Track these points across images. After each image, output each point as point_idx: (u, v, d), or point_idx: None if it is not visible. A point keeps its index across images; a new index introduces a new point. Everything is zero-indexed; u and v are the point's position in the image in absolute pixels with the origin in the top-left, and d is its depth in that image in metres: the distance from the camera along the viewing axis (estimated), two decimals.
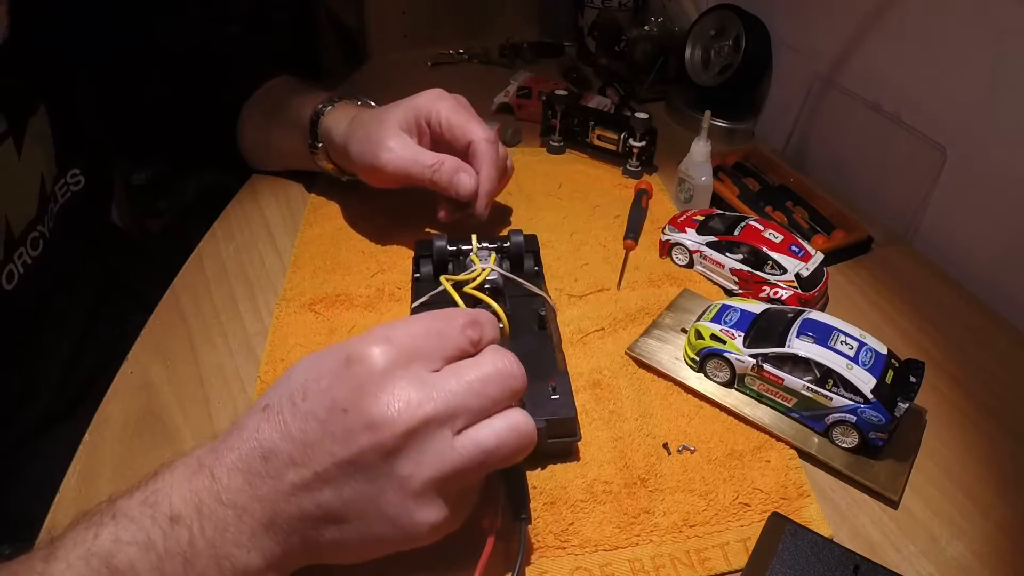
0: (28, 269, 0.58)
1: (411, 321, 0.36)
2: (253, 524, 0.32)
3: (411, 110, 0.60)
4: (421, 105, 0.60)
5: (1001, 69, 0.62)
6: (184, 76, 0.73)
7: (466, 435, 0.34)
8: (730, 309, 0.54)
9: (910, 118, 0.71)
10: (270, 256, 0.65)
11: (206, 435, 0.49)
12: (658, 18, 0.97)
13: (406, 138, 0.59)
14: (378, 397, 0.33)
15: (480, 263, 0.53)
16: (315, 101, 0.66)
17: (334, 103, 0.66)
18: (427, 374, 0.34)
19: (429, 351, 0.35)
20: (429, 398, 0.33)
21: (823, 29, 0.81)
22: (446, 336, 0.36)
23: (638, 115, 0.75)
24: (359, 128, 0.61)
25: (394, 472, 0.33)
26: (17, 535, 0.43)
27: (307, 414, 0.33)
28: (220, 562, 0.32)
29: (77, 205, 0.64)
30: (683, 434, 0.49)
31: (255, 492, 0.33)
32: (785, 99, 0.87)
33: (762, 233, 0.60)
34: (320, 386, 0.33)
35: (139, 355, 0.55)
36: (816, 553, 0.40)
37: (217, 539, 0.32)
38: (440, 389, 0.33)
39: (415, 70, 1.04)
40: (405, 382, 0.33)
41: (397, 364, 0.34)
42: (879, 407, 0.46)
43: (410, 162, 0.58)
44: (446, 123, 0.60)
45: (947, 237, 0.70)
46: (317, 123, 0.65)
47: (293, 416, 0.33)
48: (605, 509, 0.44)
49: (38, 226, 0.59)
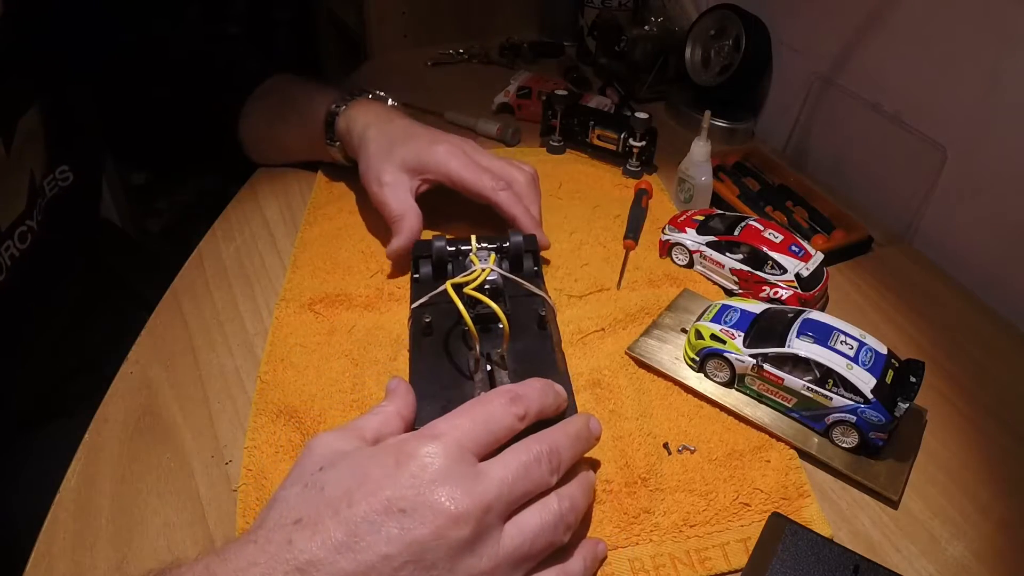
0: (15, 262, 0.58)
1: (455, 415, 0.37)
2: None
3: (420, 162, 0.61)
4: (429, 163, 0.61)
5: (1001, 69, 0.62)
6: (183, 77, 0.73)
7: (515, 522, 0.35)
8: (730, 309, 0.54)
9: (910, 118, 0.71)
10: (270, 256, 0.65)
11: (206, 435, 0.49)
12: (658, 18, 0.97)
13: (401, 179, 0.61)
14: (439, 494, 0.32)
15: (480, 263, 0.53)
16: (327, 98, 0.67)
17: (347, 101, 0.67)
18: (480, 466, 0.35)
19: (478, 440, 0.36)
20: (487, 489, 0.33)
21: (823, 29, 0.81)
22: (492, 421, 0.37)
23: (638, 115, 0.75)
24: (372, 144, 0.62)
25: (459, 567, 0.32)
26: (18, 534, 0.44)
27: (359, 520, 0.32)
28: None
29: (66, 200, 0.65)
30: (683, 434, 0.49)
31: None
32: (785, 99, 0.87)
33: (762, 233, 0.60)
34: (368, 489, 0.33)
35: (139, 355, 0.55)
36: (816, 553, 0.40)
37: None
38: (491, 479, 0.34)
39: (415, 70, 1.04)
40: (460, 476, 0.33)
41: (450, 458, 0.34)
42: (879, 407, 0.46)
43: (383, 204, 0.61)
44: (459, 183, 0.61)
45: (947, 237, 0.70)
46: (334, 123, 0.67)
47: (336, 524, 0.32)
48: (605, 509, 0.44)
49: (27, 220, 0.60)
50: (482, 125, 0.86)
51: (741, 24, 0.84)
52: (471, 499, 0.33)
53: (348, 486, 0.33)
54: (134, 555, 0.41)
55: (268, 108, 0.72)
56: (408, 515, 0.32)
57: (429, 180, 0.62)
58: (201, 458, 0.47)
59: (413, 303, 0.54)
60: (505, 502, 0.34)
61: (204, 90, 0.73)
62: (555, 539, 0.36)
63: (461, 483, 0.33)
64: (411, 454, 0.34)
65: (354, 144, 0.64)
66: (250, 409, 0.50)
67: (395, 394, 0.41)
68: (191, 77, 0.73)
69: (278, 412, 0.49)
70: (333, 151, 0.69)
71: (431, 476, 0.33)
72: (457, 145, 0.63)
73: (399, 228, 0.60)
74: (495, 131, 0.85)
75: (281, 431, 0.48)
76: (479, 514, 0.33)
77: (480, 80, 0.99)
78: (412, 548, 0.31)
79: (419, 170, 0.61)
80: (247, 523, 0.43)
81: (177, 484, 0.46)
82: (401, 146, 0.62)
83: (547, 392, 0.41)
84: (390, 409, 0.40)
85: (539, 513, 0.36)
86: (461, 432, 0.35)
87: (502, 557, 0.33)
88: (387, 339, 0.55)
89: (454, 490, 0.33)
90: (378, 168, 0.61)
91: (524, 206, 0.61)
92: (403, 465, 0.33)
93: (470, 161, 0.62)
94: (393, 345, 0.55)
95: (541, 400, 0.40)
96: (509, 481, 0.34)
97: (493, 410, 0.37)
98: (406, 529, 0.31)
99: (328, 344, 0.55)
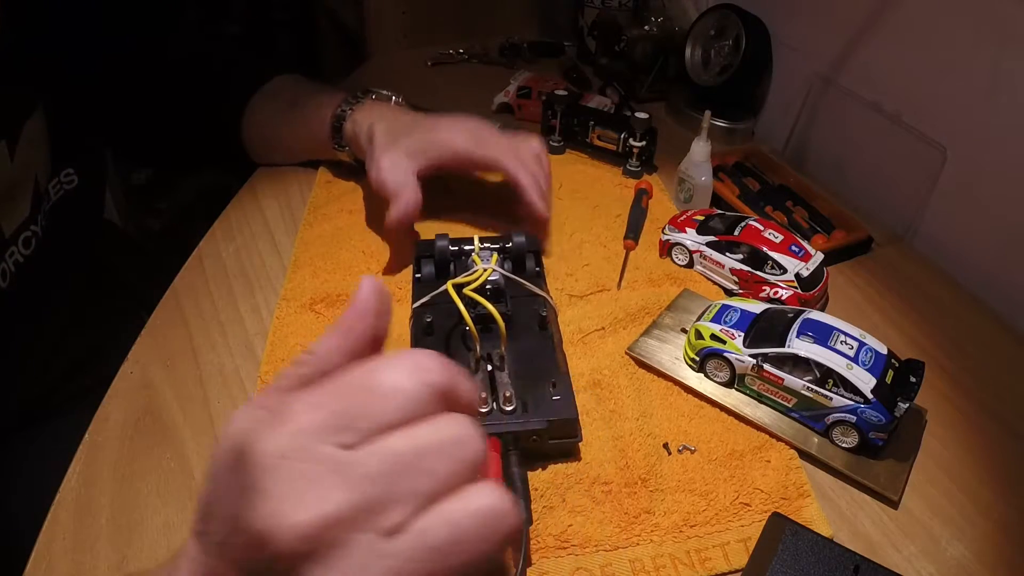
0: (19, 267, 0.58)
1: (329, 384, 0.26)
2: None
3: (425, 144, 0.61)
4: (434, 142, 0.61)
5: (1001, 69, 0.62)
6: (183, 77, 0.73)
7: (405, 532, 0.23)
8: (730, 309, 0.54)
9: (910, 118, 0.71)
10: (270, 256, 0.65)
11: (206, 435, 0.49)
12: (658, 18, 0.97)
13: (401, 161, 0.60)
14: (263, 502, 0.23)
15: (482, 263, 0.53)
16: (334, 101, 0.67)
17: (352, 104, 0.67)
18: (341, 453, 0.24)
19: (349, 417, 0.24)
20: (336, 489, 0.23)
21: (823, 29, 0.81)
22: (378, 392, 0.25)
23: (638, 115, 0.75)
24: (377, 139, 0.62)
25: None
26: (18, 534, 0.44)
27: (209, 547, 0.25)
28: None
29: (70, 203, 0.65)
30: (683, 434, 0.49)
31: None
32: (785, 99, 0.87)
33: (762, 233, 0.60)
34: (208, 500, 0.26)
35: (139, 355, 0.55)
36: (816, 553, 0.40)
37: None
38: (354, 474, 0.23)
39: (415, 70, 1.04)
40: (301, 473, 0.23)
41: (294, 447, 0.24)
42: (879, 407, 0.46)
43: (382, 185, 0.60)
44: (464, 156, 0.61)
45: (947, 237, 0.70)
46: (341, 127, 0.67)
47: (198, 552, 0.26)
48: (605, 509, 0.44)
49: (31, 225, 0.60)
50: None
51: (741, 24, 0.84)
52: (304, 507, 0.23)
53: (206, 494, 0.26)
54: (134, 555, 0.41)
55: (273, 111, 0.72)
56: (239, 534, 0.24)
57: (434, 162, 0.62)
58: (201, 458, 0.47)
59: (415, 303, 0.54)
60: (367, 507, 0.24)
61: (204, 90, 0.73)
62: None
63: (299, 482, 0.24)
64: (247, 444, 0.24)
65: (362, 145, 0.64)
66: None
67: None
68: (191, 77, 0.73)
69: None
70: (341, 155, 0.69)
71: (260, 475, 0.24)
72: (461, 122, 0.63)
73: (396, 200, 0.58)
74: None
75: None
76: (317, 525, 0.23)
77: (480, 80, 0.99)
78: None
79: (423, 152, 0.61)
80: None
81: (177, 484, 0.46)
82: (405, 137, 0.61)
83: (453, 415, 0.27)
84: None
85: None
86: (318, 411, 0.25)
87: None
88: (388, 339, 0.55)
89: (285, 495, 0.24)
90: (379, 157, 0.60)
91: (531, 173, 0.61)
92: (239, 461, 0.24)
93: (475, 136, 0.62)
94: (394, 345, 0.55)
95: (470, 398, 0.28)
96: (383, 475, 0.24)
97: (384, 379, 0.26)
98: (236, 561, 0.25)
99: None
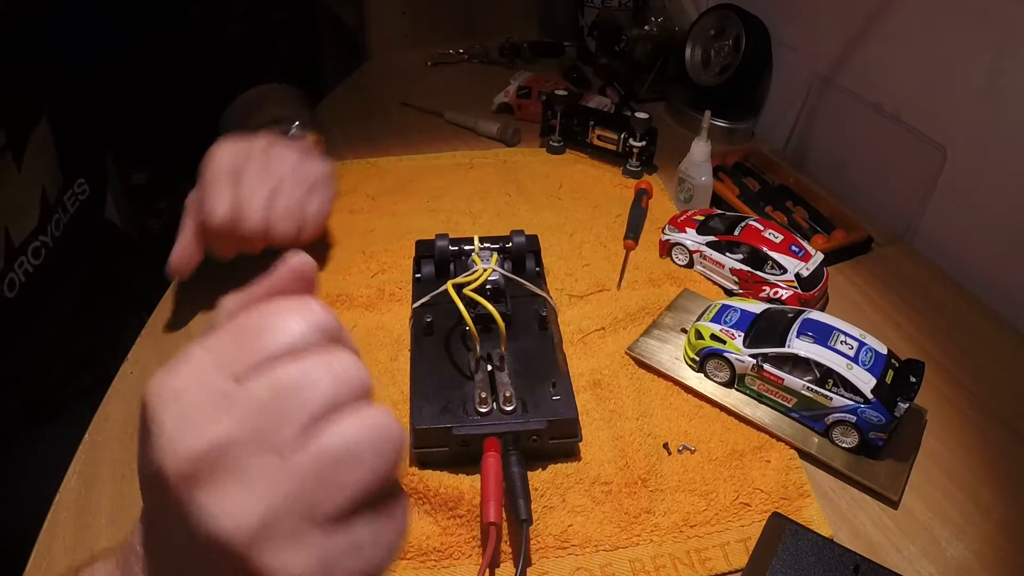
0: (29, 277, 0.58)
1: (224, 328, 0.27)
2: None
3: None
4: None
5: (1001, 69, 0.62)
6: (185, 77, 0.73)
7: (300, 450, 0.24)
8: (730, 309, 0.54)
9: (910, 118, 0.71)
10: (270, 256, 0.65)
11: None
12: (658, 18, 0.97)
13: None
14: (159, 435, 0.25)
15: (482, 263, 0.53)
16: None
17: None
18: (232, 385, 0.25)
19: (240, 353, 0.26)
20: (226, 415, 0.24)
21: (823, 29, 0.81)
22: (268, 330, 0.26)
23: (638, 115, 0.75)
24: None
25: (195, 512, 0.24)
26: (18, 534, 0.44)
27: (142, 492, 0.28)
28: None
29: (84, 214, 0.65)
30: (683, 434, 0.49)
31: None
32: (785, 99, 0.87)
33: (762, 233, 0.60)
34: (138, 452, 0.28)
35: (139, 355, 0.55)
36: (816, 553, 0.40)
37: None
38: (243, 401, 0.24)
39: (415, 70, 1.04)
40: (193, 405, 0.25)
41: (188, 385, 0.25)
42: (879, 407, 0.46)
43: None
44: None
45: (947, 237, 0.70)
46: None
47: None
48: (605, 509, 0.44)
49: (40, 236, 0.60)
50: (482, 125, 0.86)
51: (741, 24, 0.84)
52: (193, 429, 0.25)
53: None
54: None
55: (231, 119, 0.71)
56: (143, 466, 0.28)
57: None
58: None
59: (415, 303, 0.54)
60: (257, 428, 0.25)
61: (204, 90, 0.73)
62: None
63: (189, 410, 0.25)
64: (147, 391, 0.27)
65: None
66: None
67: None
68: (192, 77, 0.73)
69: None
70: None
71: (157, 411, 0.26)
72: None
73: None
74: (495, 131, 0.85)
75: None
76: (205, 446, 0.24)
77: (480, 80, 0.99)
78: (149, 502, 0.28)
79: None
80: None
81: None
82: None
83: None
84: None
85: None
86: (206, 352, 0.26)
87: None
88: (388, 339, 0.55)
89: (177, 422, 0.25)
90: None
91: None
92: (144, 410, 0.27)
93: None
94: (394, 345, 0.55)
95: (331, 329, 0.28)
96: (269, 399, 0.25)
97: (261, 320, 0.27)
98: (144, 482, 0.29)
99: None
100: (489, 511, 0.40)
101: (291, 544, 0.24)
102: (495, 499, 0.41)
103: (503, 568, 0.41)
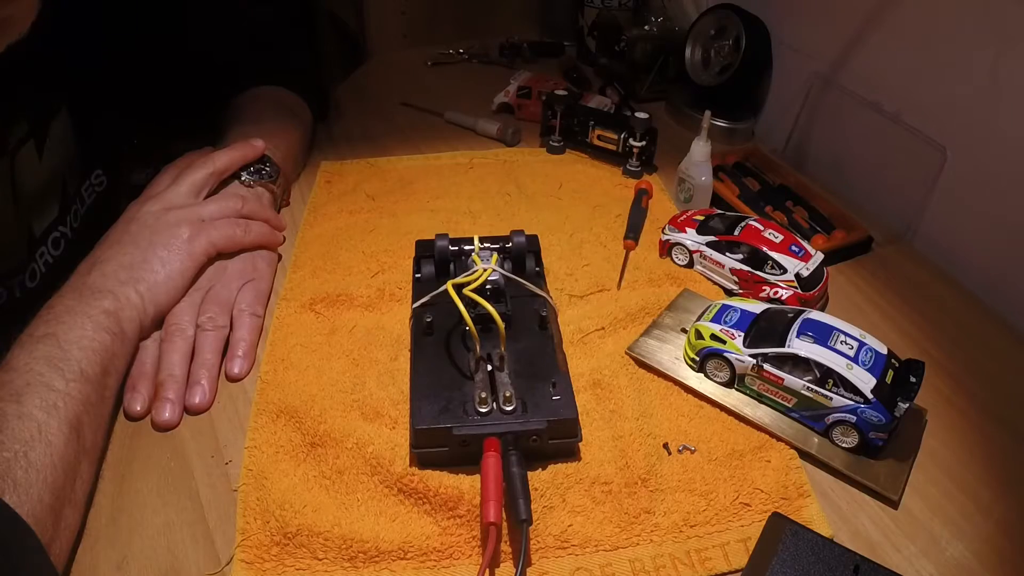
0: (49, 267, 0.59)
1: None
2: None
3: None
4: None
5: (1001, 69, 0.62)
6: (183, 77, 0.73)
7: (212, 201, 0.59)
8: (730, 309, 0.54)
9: (910, 118, 0.71)
10: None
11: (206, 435, 0.49)
12: (658, 18, 0.97)
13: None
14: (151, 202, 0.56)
15: (482, 263, 0.53)
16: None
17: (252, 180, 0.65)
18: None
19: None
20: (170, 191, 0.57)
21: (823, 29, 0.81)
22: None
23: (638, 115, 0.75)
24: None
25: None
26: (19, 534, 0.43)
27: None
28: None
29: (101, 205, 0.66)
30: (683, 434, 0.49)
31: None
32: (785, 99, 0.87)
33: (762, 233, 0.60)
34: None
35: None
36: (816, 553, 0.40)
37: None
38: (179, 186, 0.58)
39: (415, 70, 1.04)
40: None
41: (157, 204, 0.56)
42: (879, 407, 0.46)
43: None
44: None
45: (947, 237, 0.70)
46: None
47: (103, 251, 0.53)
48: (605, 509, 0.44)
49: (59, 226, 0.60)
50: (482, 125, 0.86)
51: (741, 24, 0.84)
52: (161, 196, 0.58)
53: None
54: (134, 555, 0.42)
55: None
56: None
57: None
58: (201, 458, 0.47)
59: (415, 303, 0.54)
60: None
61: (204, 89, 0.73)
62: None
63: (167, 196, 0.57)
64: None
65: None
66: (250, 409, 0.50)
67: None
68: (191, 77, 0.73)
69: (278, 412, 0.49)
70: None
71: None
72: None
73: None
74: (495, 131, 0.85)
75: (281, 431, 0.48)
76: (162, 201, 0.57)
77: (480, 80, 0.99)
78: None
79: None
80: (247, 523, 0.43)
81: (177, 484, 0.46)
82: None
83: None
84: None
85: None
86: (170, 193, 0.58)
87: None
88: (388, 339, 0.55)
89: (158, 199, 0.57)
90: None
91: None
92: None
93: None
94: (394, 345, 0.55)
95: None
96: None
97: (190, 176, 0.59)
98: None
99: (329, 344, 0.55)
100: (489, 511, 0.40)
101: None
102: (495, 499, 0.41)
103: (503, 568, 0.41)
